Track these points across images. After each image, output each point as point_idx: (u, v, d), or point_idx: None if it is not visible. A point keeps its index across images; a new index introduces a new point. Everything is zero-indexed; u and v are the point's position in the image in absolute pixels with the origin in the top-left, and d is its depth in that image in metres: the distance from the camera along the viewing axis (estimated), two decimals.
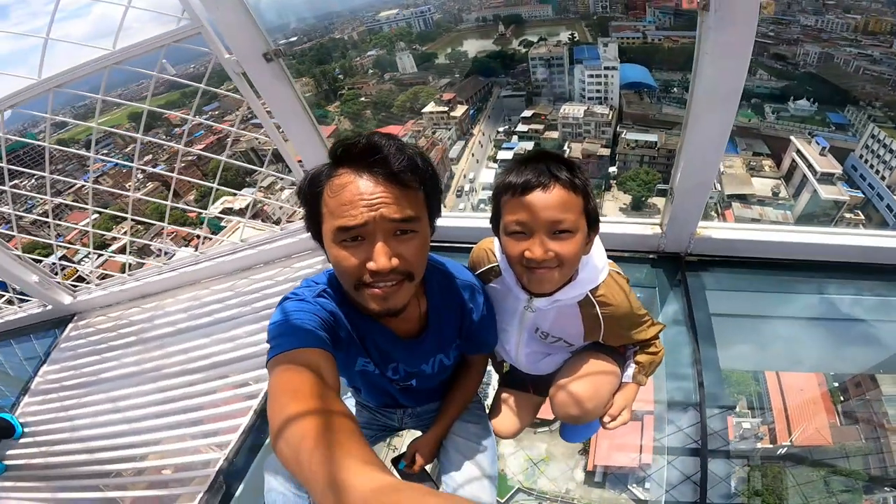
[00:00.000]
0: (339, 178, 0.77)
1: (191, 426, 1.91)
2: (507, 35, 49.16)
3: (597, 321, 1.08)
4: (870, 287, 1.88)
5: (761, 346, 2.14)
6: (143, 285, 2.66)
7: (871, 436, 9.63)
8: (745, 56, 1.30)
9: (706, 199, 1.76)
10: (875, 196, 25.88)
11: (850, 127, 32.70)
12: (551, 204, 0.88)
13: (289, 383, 0.69)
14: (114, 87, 1.96)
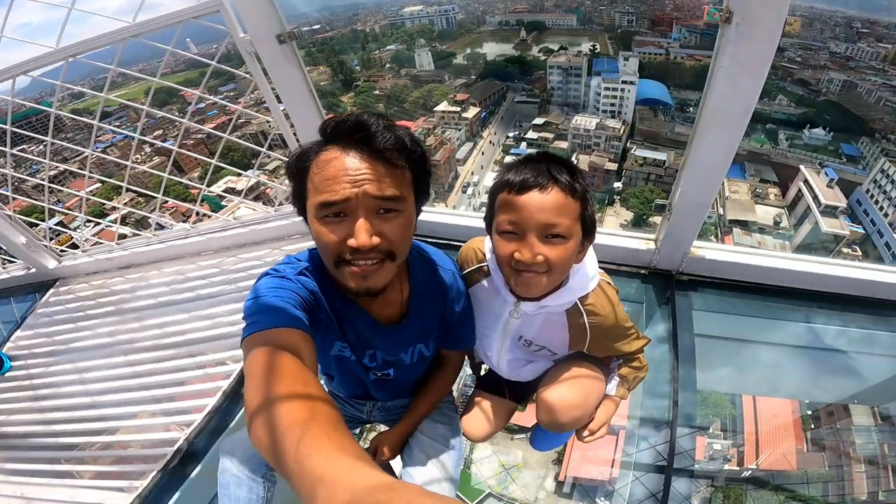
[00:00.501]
0: (325, 153, 0.77)
1: (154, 403, 1.87)
2: (528, 41, 49.29)
3: (583, 330, 1.05)
4: (856, 319, 1.86)
5: (741, 369, 2.14)
6: (130, 255, 2.63)
7: (835, 464, 9.69)
8: (762, 74, 1.27)
9: (703, 219, 1.73)
10: (875, 233, 25.86)
11: (861, 159, 32.64)
12: (546, 206, 0.85)
13: (269, 365, 0.65)
14: (136, 62, 1.96)
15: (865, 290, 1.77)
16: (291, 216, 2.43)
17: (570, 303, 1.02)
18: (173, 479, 1.56)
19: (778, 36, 1.20)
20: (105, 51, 1.85)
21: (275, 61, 1.79)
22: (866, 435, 8.69)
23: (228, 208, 19.15)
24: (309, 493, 0.44)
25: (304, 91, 1.89)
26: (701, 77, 7.77)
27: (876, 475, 7.10)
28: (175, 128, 35.91)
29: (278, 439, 0.52)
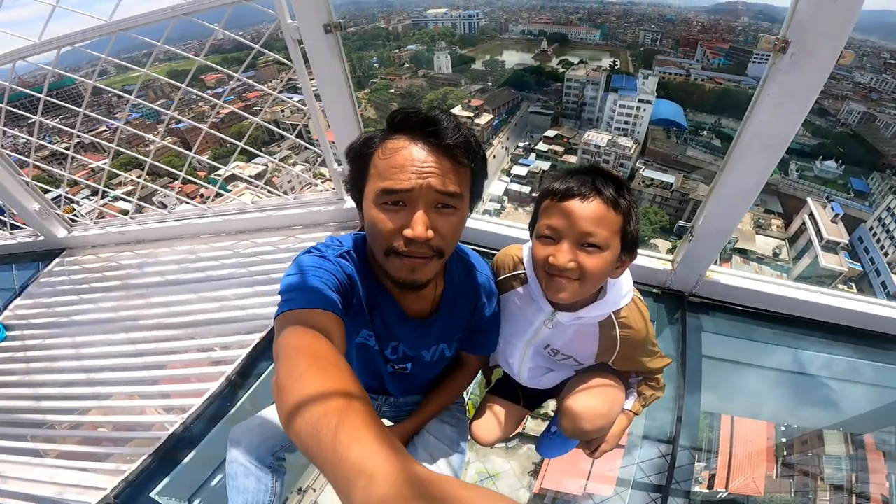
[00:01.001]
0: (393, 141, 0.78)
1: (152, 384, 1.85)
2: (549, 52, 49.48)
3: (613, 342, 1.05)
4: (863, 352, 1.85)
5: (743, 394, 2.14)
6: (142, 230, 2.62)
7: (801, 489, 9.58)
8: (808, 104, 1.28)
9: (724, 245, 1.74)
10: (873, 272, 25.80)
11: (869, 195, 32.55)
12: (585, 215, 0.87)
13: (304, 346, 0.64)
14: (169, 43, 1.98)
15: (876, 324, 1.78)
16: (310, 205, 2.43)
17: (604, 315, 1.02)
18: (164, 464, 1.53)
19: (830, 69, 1.20)
20: (147, 29, 1.87)
21: (318, 50, 1.80)
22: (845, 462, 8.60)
23: (233, 193, 19.23)
24: (346, 483, 0.43)
25: (342, 82, 1.89)
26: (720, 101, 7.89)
27: None
28: (191, 109, 36.22)
29: (314, 426, 0.50)
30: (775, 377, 2.01)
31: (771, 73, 1.27)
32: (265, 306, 2.06)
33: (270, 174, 27.49)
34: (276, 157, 28.80)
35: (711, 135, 39.42)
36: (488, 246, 2.13)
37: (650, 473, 1.59)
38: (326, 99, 1.97)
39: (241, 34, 2.10)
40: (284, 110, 36.93)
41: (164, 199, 23.53)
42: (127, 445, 1.63)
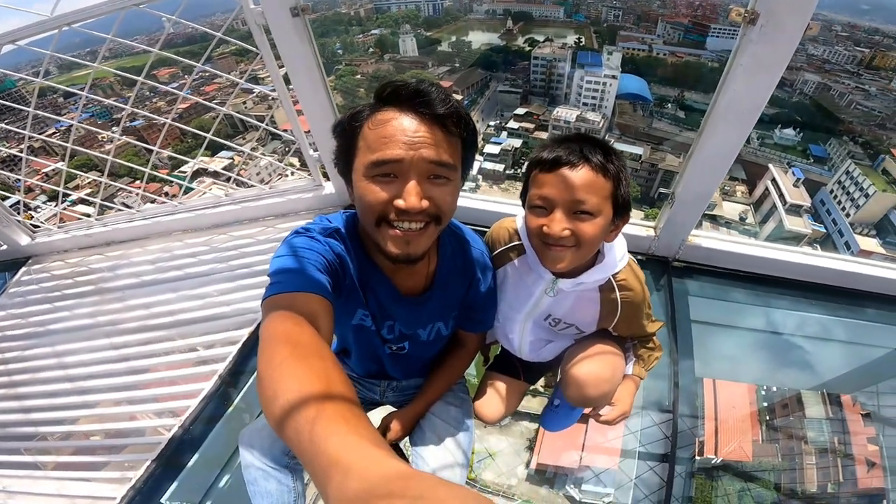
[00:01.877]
0: (382, 113, 0.76)
1: (143, 388, 1.79)
2: (514, 31, 49.22)
3: (614, 306, 1.07)
4: (839, 309, 1.94)
5: (730, 356, 2.20)
6: (110, 231, 2.50)
7: (788, 454, 10.13)
8: (778, 73, 1.31)
9: (703, 209, 1.77)
10: (836, 232, 27.18)
11: (828, 161, 34.13)
12: (576, 182, 0.87)
13: (287, 333, 0.62)
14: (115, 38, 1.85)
15: (849, 281, 1.86)
16: (287, 194, 2.37)
17: (604, 279, 1.03)
18: (169, 468, 1.49)
19: (798, 39, 1.23)
20: (92, 25, 1.75)
21: (286, 35, 1.71)
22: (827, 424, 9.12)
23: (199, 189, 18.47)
24: (322, 476, 0.41)
25: (314, 67, 1.82)
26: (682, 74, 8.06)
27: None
28: (144, 106, 34.52)
29: (292, 416, 0.49)
30: (759, 338, 2.08)
31: (742, 45, 1.30)
32: (250, 300, 2.00)
33: (238, 167, 26.67)
34: (242, 149, 28.05)
35: (676, 107, 40.25)
36: (475, 223, 2.10)
37: (647, 443, 1.63)
38: (298, 85, 1.89)
39: (199, 24, 1.98)
40: (246, 102, 35.70)
41: (126, 199, 22.57)
42: (125, 452, 1.59)
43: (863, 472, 7.28)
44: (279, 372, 0.55)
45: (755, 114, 1.41)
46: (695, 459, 1.55)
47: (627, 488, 1.60)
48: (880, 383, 2.38)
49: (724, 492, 3.89)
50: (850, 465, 7.64)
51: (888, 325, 1.91)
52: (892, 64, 42.64)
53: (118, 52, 36.29)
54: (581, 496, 10.54)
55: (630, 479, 1.64)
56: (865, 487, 6.81)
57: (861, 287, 1.86)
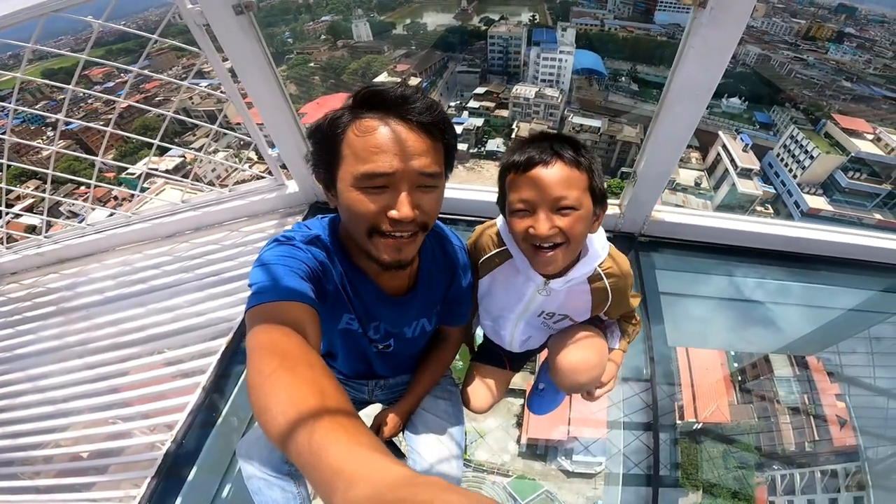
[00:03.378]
0: (368, 121, 0.74)
1: (125, 406, 1.74)
2: (469, 11, 48.61)
3: (605, 293, 1.09)
4: (794, 274, 2.08)
5: (702, 323, 2.32)
6: (62, 248, 2.35)
7: (763, 415, 10.78)
8: (728, 54, 1.35)
9: (665, 185, 1.85)
10: (785, 192, 28.86)
11: (772, 126, 35.98)
12: (553, 180, 0.87)
13: (275, 343, 0.62)
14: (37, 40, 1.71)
15: (801, 246, 1.99)
16: (249, 196, 2.29)
17: (591, 270, 1.05)
18: (169, 483, 1.47)
19: (746, 21, 1.28)
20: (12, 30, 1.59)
21: (231, 34, 1.62)
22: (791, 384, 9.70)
23: (152, 190, 17.56)
24: (326, 486, 0.41)
25: (264, 65, 1.74)
26: (633, 48, 8.30)
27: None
28: (80, 108, 32.12)
29: (289, 428, 0.49)
30: (724, 305, 2.20)
31: (693, 28, 1.34)
32: (224, 308, 1.95)
33: (191, 165, 25.34)
34: (192, 146, 26.63)
35: (629, 80, 41.17)
36: (456, 213, 2.14)
37: (630, 412, 1.71)
38: (249, 84, 1.81)
39: (124, 24, 1.86)
40: (193, 97, 33.87)
41: (72, 208, 21.10)
42: (124, 470, 1.55)
43: (836, 431, 7.85)
44: (269, 383, 0.54)
45: (708, 93, 1.46)
46: (676, 425, 1.64)
47: (618, 458, 1.68)
48: (840, 343, 2.57)
49: (709, 455, 4.10)
50: (823, 424, 8.20)
51: (840, 287, 2.07)
52: (828, 34, 44.95)
53: (44, 54, 33.92)
54: (573, 466, 10.97)
55: (619, 449, 1.72)
56: (840, 445, 7.34)
57: (813, 251, 1.99)
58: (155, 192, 16.29)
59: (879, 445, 3.16)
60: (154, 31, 1.67)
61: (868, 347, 2.70)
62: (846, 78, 40.15)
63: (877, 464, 3.20)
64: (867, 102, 37.58)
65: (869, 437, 3.33)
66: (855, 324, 2.46)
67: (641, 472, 1.58)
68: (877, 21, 51.01)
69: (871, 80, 40.32)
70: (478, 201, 2.13)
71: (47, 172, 2.08)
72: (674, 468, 1.55)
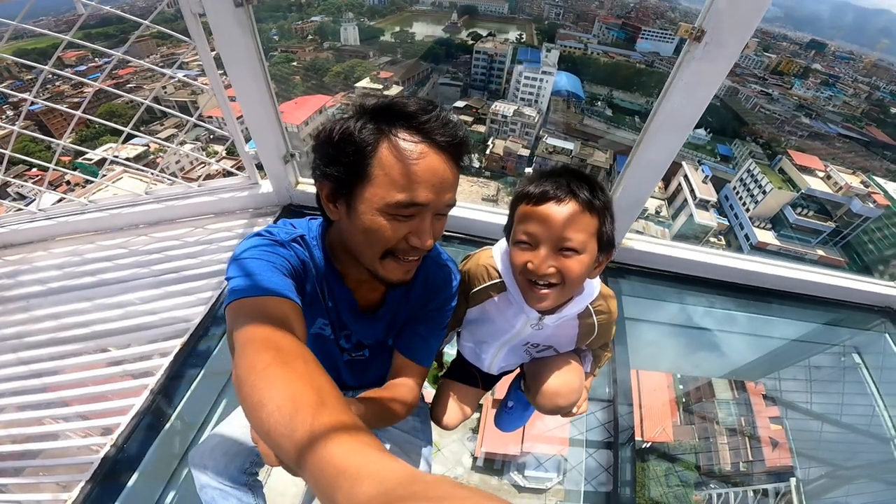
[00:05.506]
0: (411, 144, 0.71)
1: (62, 406, 1.62)
2: (459, 24, 49.40)
3: (591, 329, 1.10)
4: (743, 305, 2.17)
5: (654, 347, 2.41)
6: (7, 233, 2.18)
7: (703, 435, 11.25)
8: (715, 88, 1.38)
9: (637, 214, 1.89)
10: (737, 225, 30.54)
11: (732, 159, 38.02)
12: (562, 219, 0.86)
13: (266, 337, 0.60)
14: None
15: (752, 279, 2.09)
16: (219, 192, 2.20)
17: (584, 308, 1.05)
18: (105, 488, 1.37)
19: (737, 56, 1.30)
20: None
21: (226, 27, 1.56)
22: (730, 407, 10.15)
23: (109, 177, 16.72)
24: (328, 485, 0.40)
25: (255, 62, 1.69)
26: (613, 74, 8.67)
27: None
28: (46, 90, 30.43)
29: (286, 425, 0.47)
30: (677, 331, 2.29)
31: (685, 61, 1.36)
32: (181, 308, 1.85)
33: (154, 154, 24.28)
34: (159, 136, 25.98)
35: (605, 105, 42.73)
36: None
37: (588, 430, 1.73)
38: (236, 80, 1.75)
39: (114, 7, 1.78)
40: (167, 87, 32.67)
41: (20, 189, 19.79)
42: (54, 473, 1.42)
43: (769, 452, 8.25)
44: (263, 378, 0.52)
45: (691, 125, 1.50)
46: (634, 444, 1.68)
47: (574, 475, 1.70)
48: (781, 370, 2.72)
49: (654, 473, 4.25)
50: (758, 446, 8.62)
51: (786, 319, 2.19)
52: (796, 70, 48.00)
53: (19, 33, 32.50)
54: (525, 482, 11.02)
55: (573, 467, 1.74)
56: (774, 465, 7.70)
57: (763, 284, 2.10)
58: (112, 179, 15.52)
59: (812, 466, 3.35)
60: (142, 17, 1.59)
61: (807, 375, 2.89)
62: (806, 114, 42.97)
63: (809, 483, 3.39)
64: (823, 139, 40.35)
65: (804, 459, 3.52)
66: (797, 353, 2.62)
67: (597, 489, 1.60)
68: (844, 58, 54.98)
69: (829, 118, 43.32)
70: (464, 219, 2.13)
71: (3, 153, 1.95)
72: (629, 486, 1.58)
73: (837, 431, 2.92)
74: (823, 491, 3.28)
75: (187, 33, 1.61)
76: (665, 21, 56.09)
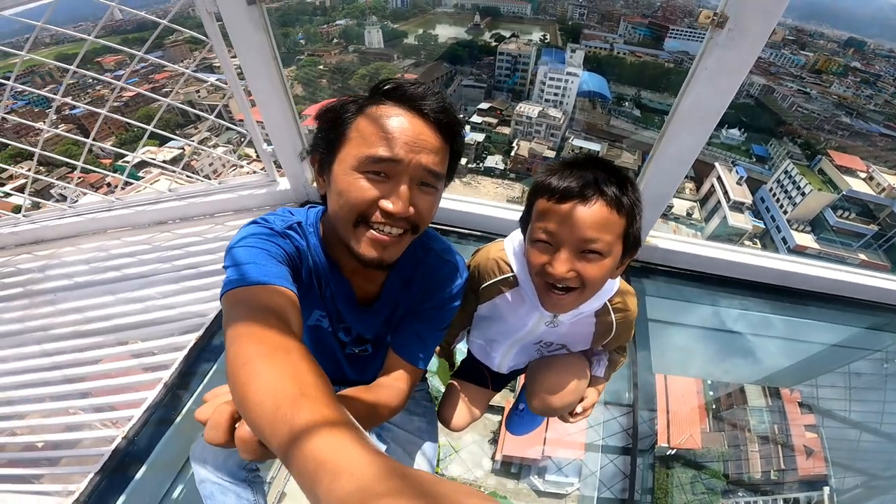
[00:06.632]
0: (385, 107, 0.74)
1: (80, 398, 1.65)
2: (482, 26, 49.51)
3: (609, 327, 1.03)
4: (779, 308, 2.04)
5: (683, 351, 2.29)
6: (39, 228, 2.27)
7: (733, 443, 10.79)
8: (741, 78, 1.32)
9: (662, 210, 1.81)
10: (774, 228, 29.21)
11: (768, 160, 36.45)
12: (587, 221, 0.77)
13: (252, 329, 0.59)
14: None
15: (790, 280, 1.96)
16: (238, 190, 2.24)
17: (601, 305, 0.99)
18: (115, 480, 1.38)
19: (762, 45, 1.24)
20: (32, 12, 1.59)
21: (240, 24, 1.58)
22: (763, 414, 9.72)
23: (146, 180, 17.51)
24: (308, 478, 0.39)
25: (269, 58, 1.70)
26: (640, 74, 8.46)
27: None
28: (87, 94, 32.16)
29: (269, 418, 0.46)
30: (707, 335, 2.17)
31: (708, 48, 1.30)
32: (197, 303, 1.88)
33: (189, 158, 25.30)
34: (193, 139, 27.23)
35: (633, 105, 41.83)
36: (451, 224, 2.09)
37: (608, 436, 1.66)
38: (251, 77, 1.77)
39: (144, 12, 1.83)
40: (200, 91, 33.95)
41: (63, 191, 20.91)
42: (66, 464, 1.45)
43: (803, 460, 7.86)
44: (245, 372, 0.52)
45: (716, 117, 1.43)
46: (654, 451, 1.60)
47: (593, 480, 1.63)
48: (818, 377, 2.56)
49: (679, 481, 4.12)
50: (791, 454, 8.22)
51: (825, 323, 2.04)
52: (835, 68, 45.89)
53: (60, 38, 34.51)
54: (545, 486, 10.85)
55: (593, 472, 1.67)
56: (807, 474, 7.33)
57: (801, 286, 1.97)
58: (150, 181, 16.25)
59: (847, 476, 3.17)
60: (174, 23, 1.64)
61: (846, 382, 2.72)
62: (846, 113, 40.94)
63: (843, 493, 3.20)
64: (864, 139, 38.35)
65: (839, 468, 3.34)
66: (836, 359, 2.46)
67: (615, 496, 1.54)
68: (883, 56, 52.27)
69: (870, 116, 41.12)
70: (472, 214, 2.08)
71: (34, 151, 2.03)
72: (648, 493, 1.50)
73: (876, 441, 2.77)
74: (857, 501, 3.10)
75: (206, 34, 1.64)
76: (693, 19, 54.65)
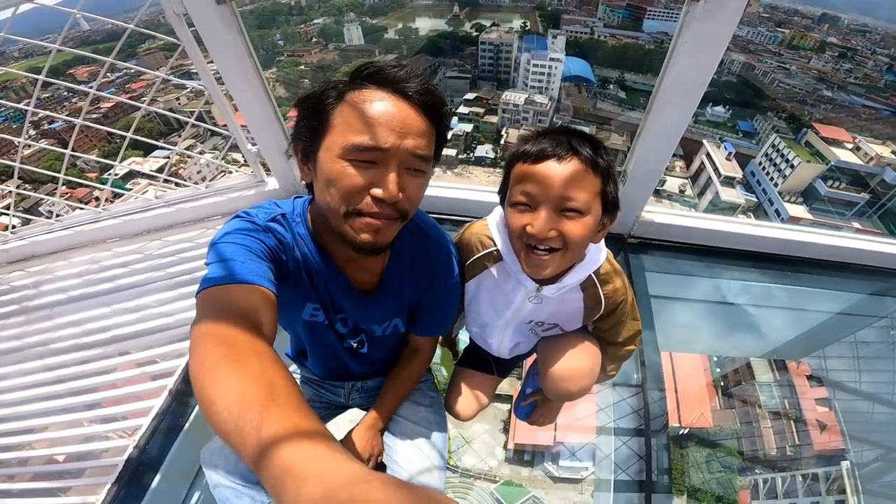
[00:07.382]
0: (368, 92, 0.71)
1: (87, 410, 1.63)
2: (461, 17, 49.07)
3: (598, 301, 1.01)
4: (781, 277, 2.04)
5: (687, 327, 2.28)
6: (28, 245, 2.23)
7: (745, 419, 10.84)
8: (720, 50, 1.32)
9: (655, 185, 1.80)
10: (766, 201, 29.46)
11: (755, 135, 36.73)
12: (564, 178, 0.79)
13: (218, 332, 0.57)
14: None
15: (790, 249, 1.96)
16: (227, 192, 2.20)
17: (585, 276, 0.98)
18: (131, 489, 1.37)
19: (738, 17, 1.25)
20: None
21: (210, 24, 1.52)
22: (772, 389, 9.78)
23: (135, 191, 17.28)
24: (277, 484, 0.39)
25: (244, 57, 1.65)
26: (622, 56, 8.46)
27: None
28: (63, 107, 31.64)
29: (235, 424, 0.45)
30: (710, 309, 2.16)
31: (686, 21, 1.31)
32: (195, 309, 1.85)
33: (175, 165, 25.03)
34: (177, 147, 26.98)
35: (617, 88, 41.85)
36: (442, 212, 2.05)
37: (618, 418, 1.66)
38: (228, 78, 1.72)
39: (112, 19, 1.78)
40: (180, 98, 33.46)
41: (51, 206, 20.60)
42: (81, 477, 1.44)
43: (818, 435, 7.92)
44: (212, 376, 0.50)
45: (700, 90, 1.43)
46: (668, 431, 1.60)
47: (608, 463, 1.63)
48: (826, 347, 2.55)
49: (694, 460, 4.14)
50: (804, 429, 8.28)
51: (828, 290, 2.04)
52: (811, 43, 46.31)
53: (29, 52, 33.76)
54: (560, 472, 10.91)
55: (606, 455, 1.67)
56: (823, 448, 7.37)
57: (801, 254, 1.96)
58: (139, 192, 16.05)
59: (864, 449, 3.17)
60: (148, 29, 1.59)
61: (854, 352, 2.71)
62: (827, 87, 41.34)
63: (863, 467, 3.20)
64: (847, 111, 38.73)
65: (856, 441, 3.33)
66: (842, 327, 2.45)
67: (632, 478, 1.53)
68: (858, 31, 52.68)
69: (852, 90, 41.50)
70: (466, 200, 2.05)
71: (14, 165, 1.99)
72: (665, 474, 1.50)
73: (891, 412, 2.74)
74: (879, 474, 3.09)
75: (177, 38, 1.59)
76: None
